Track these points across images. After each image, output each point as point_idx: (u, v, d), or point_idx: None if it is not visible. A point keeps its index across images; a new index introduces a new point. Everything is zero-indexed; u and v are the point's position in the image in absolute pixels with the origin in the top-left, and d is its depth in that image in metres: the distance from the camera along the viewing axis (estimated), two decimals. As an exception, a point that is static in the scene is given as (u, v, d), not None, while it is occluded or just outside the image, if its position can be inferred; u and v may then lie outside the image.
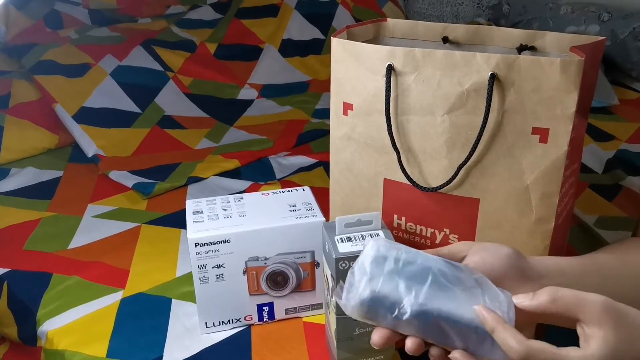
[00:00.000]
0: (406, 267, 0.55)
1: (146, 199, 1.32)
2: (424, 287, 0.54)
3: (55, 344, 0.93)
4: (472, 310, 0.54)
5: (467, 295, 0.55)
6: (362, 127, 0.79)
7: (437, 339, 0.55)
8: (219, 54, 1.92)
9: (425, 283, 0.54)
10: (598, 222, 1.17)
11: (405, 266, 0.55)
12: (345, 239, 0.75)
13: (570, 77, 0.65)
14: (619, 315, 0.52)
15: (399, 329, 0.55)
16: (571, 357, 0.52)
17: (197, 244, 0.85)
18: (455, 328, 0.54)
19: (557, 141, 0.68)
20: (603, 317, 0.52)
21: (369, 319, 0.54)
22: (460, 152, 0.73)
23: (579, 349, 0.52)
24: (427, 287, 0.54)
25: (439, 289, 0.54)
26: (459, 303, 0.54)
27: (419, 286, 0.54)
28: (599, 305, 0.53)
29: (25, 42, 1.70)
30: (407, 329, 0.54)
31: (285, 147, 1.54)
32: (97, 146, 1.49)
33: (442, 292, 0.54)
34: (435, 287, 0.54)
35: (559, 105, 0.67)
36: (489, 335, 0.54)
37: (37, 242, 1.18)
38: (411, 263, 0.56)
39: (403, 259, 0.56)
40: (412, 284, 0.54)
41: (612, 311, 0.52)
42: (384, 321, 0.54)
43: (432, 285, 0.55)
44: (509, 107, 0.69)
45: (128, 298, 1.01)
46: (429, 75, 0.72)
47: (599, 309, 0.52)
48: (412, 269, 0.55)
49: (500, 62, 0.68)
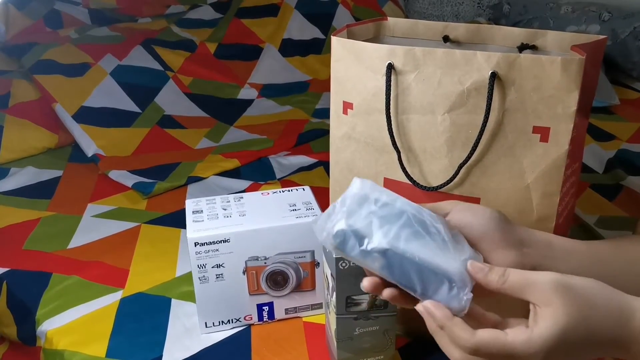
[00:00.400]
0: (384, 208, 0.57)
1: (146, 199, 1.32)
2: (395, 227, 0.56)
3: (54, 344, 0.93)
4: (438, 257, 0.55)
5: (437, 245, 0.56)
6: (362, 126, 0.78)
7: (399, 280, 0.55)
8: (219, 53, 1.92)
9: (398, 223, 0.56)
10: (599, 222, 1.17)
11: (384, 207, 0.57)
12: None
13: (571, 76, 0.65)
14: (569, 293, 0.51)
15: (366, 265, 0.56)
16: (518, 343, 0.50)
17: (197, 244, 0.85)
18: (418, 271, 0.55)
19: (557, 140, 0.68)
20: (551, 296, 0.51)
21: (339, 249, 0.56)
22: (460, 151, 0.73)
23: (526, 330, 0.51)
24: (398, 228, 0.56)
25: (411, 232, 0.56)
26: (427, 249, 0.55)
27: (391, 225, 0.56)
28: (547, 284, 0.52)
29: (25, 41, 1.70)
30: (373, 266, 0.55)
31: (285, 147, 1.54)
32: (97, 146, 1.49)
33: (412, 236, 0.56)
34: (407, 229, 0.56)
35: (559, 104, 0.67)
36: (449, 282, 0.54)
37: (37, 241, 1.17)
38: (390, 205, 0.57)
39: (383, 200, 0.58)
40: (386, 223, 0.56)
41: (562, 289, 0.51)
42: (352, 252, 0.55)
43: (405, 227, 0.56)
44: (510, 106, 0.69)
45: (128, 298, 1.00)
46: (430, 74, 0.71)
47: (547, 289, 0.51)
48: (389, 211, 0.57)
49: (500, 61, 0.67)
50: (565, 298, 0.51)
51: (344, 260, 0.72)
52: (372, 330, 0.80)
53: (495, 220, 0.60)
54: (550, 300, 0.51)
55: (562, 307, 0.50)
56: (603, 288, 0.53)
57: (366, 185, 0.59)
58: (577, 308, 0.51)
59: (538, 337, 0.50)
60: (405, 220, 0.56)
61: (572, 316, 0.50)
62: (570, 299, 0.51)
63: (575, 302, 0.51)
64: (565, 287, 0.51)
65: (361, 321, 0.78)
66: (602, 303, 0.52)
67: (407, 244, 0.55)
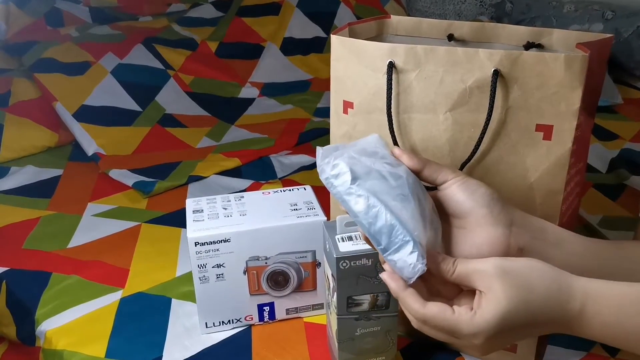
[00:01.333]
0: (386, 167, 0.61)
1: (146, 198, 1.31)
2: (387, 184, 0.59)
3: (54, 344, 0.92)
4: (414, 221, 0.57)
5: (418, 214, 0.58)
6: (363, 125, 0.78)
7: (369, 229, 0.57)
8: (220, 52, 1.91)
9: (392, 183, 0.59)
10: (602, 222, 1.17)
11: (386, 166, 0.61)
12: (346, 238, 0.74)
13: (575, 73, 0.64)
14: (509, 277, 0.54)
15: (346, 205, 0.58)
16: (461, 322, 0.54)
17: (197, 243, 0.85)
18: (390, 227, 0.57)
19: (561, 138, 0.68)
20: (492, 281, 0.54)
21: (330, 181, 0.59)
22: (463, 150, 0.72)
23: (470, 312, 0.54)
24: (390, 187, 0.59)
25: (400, 194, 0.59)
26: (407, 212, 0.58)
27: (386, 182, 0.59)
28: (488, 270, 0.54)
29: (25, 40, 1.70)
30: (354, 207, 0.58)
31: (286, 146, 1.54)
32: (98, 145, 1.49)
33: (399, 198, 0.58)
34: (397, 191, 0.59)
35: (563, 102, 0.66)
36: (413, 245, 0.56)
37: (37, 241, 1.17)
38: (393, 167, 0.61)
39: (389, 161, 0.62)
40: (381, 179, 0.59)
41: (502, 274, 0.54)
42: (340, 187, 0.58)
43: (396, 188, 0.59)
44: (513, 104, 0.68)
45: (127, 298, 1.00)
46: (431, 72, 0.71)
47: (488, 275, 0.54)
48: (390, 171, 0.60)
49: (503, 59, 0.67)
50: (505, 283, 0.53)
51: (344, 260, 0.72)
52: (374, 330, 0.79)
53: (487, 197, 0.61)
54: (492, 285, 0.54)
55: (502, 292, 0.53)
56: (545, 270, 0.55)
57: (380, 143, 0.64)
58: (517, 292, 0.53)
59: (480, 319, 0.53)
60: (400, 184, 0.59)
61: (512, 300, 0.53)
62: (510, 283, 0.53)
63: (515, 286, 0.53)
64: (505, 271, 0.54)
65: (362, 322, 0.78)
66: (542, 285, 0.54)
67: (392, 201, 0.57)
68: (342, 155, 0.60)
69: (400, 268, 0.56)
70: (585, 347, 0.86)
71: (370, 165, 0.60)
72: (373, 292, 0.75)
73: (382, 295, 0.76)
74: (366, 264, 0.73)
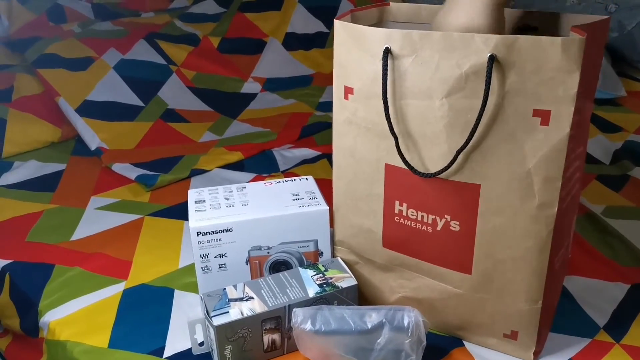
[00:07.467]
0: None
1: (149, 191, 1.32)
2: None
3: (57, 335, 0.93)
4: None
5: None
6: (363, 111, 0.78)
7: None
8: (222, 47, 1.91)
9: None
10: (606, 211, 1.16)
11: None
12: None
13: (572, 57, 0.64)
14: None
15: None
16: None
17: (199, 233, 0.85)
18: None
19: (559, 123, 0.67)
20: None
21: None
22: (459, 136, 0.72)
23: None
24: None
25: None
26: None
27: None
28: None
29: (28, 35, 1.71)
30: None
31: (289, 140, 1.54)
32: (100, 139, 1.49)
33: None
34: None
35: (560, 86, 0.66)
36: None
37: (40, 233, 1.17)
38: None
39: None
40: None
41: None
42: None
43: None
44: (510, 89, 0.68)
45: (130, 289, 1.00)
46: (427, 57, 0.71)
47: None
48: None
49: (499, 43, 0.67)
50: None
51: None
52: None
53: None
54: None
55: None
56: None
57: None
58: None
59: None
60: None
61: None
62: None
63: None
64: None
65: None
66: None
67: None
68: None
69: None
70: (590, 334, 0.87)
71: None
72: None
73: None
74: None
